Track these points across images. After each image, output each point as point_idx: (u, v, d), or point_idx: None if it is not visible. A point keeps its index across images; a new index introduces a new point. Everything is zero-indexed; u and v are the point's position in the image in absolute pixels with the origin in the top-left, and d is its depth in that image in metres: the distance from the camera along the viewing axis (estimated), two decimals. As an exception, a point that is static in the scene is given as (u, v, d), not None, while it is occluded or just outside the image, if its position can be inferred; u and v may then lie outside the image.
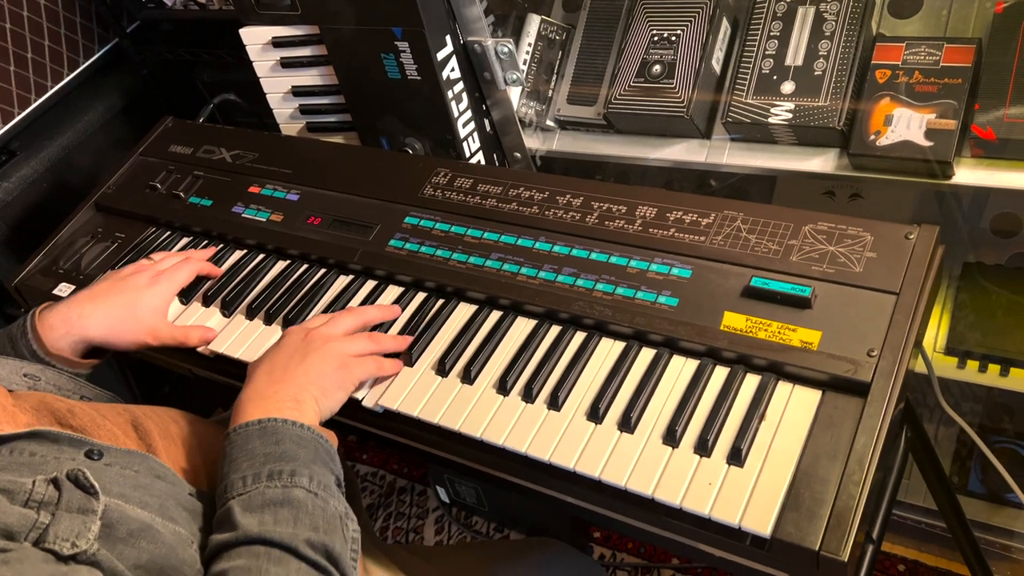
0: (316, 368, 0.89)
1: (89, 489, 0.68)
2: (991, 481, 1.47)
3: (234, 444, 0.80)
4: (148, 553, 0.69)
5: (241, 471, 0.77)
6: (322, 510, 0.76)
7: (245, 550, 0.71)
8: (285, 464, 0.77)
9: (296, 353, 0.91)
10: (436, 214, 1.11)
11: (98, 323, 1.01)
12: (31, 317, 0.99)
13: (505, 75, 1.29)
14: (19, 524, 0.63)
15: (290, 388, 0.87)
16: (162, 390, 1.95)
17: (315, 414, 0.87)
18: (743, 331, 0.88)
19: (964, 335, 1.27)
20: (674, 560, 1.74)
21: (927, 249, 0.87)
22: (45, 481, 0.67)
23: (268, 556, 0.71)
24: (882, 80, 1.12)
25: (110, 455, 0.76)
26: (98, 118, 1.74)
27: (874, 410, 0.78)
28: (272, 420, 0.81)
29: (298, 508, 0.75)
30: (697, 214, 0.99)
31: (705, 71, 1.22)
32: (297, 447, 0.80)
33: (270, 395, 0.85)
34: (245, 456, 0.78)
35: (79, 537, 0.65)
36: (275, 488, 0.75)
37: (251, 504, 0.74)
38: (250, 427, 0.81)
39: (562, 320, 0.97)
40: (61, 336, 0.99)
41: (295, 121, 1.44)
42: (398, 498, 2.03)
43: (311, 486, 0.77)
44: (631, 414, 0.85)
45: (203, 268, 1.15)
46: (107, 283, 1.06)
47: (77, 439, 0.76)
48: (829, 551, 0.71)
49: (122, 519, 0.69)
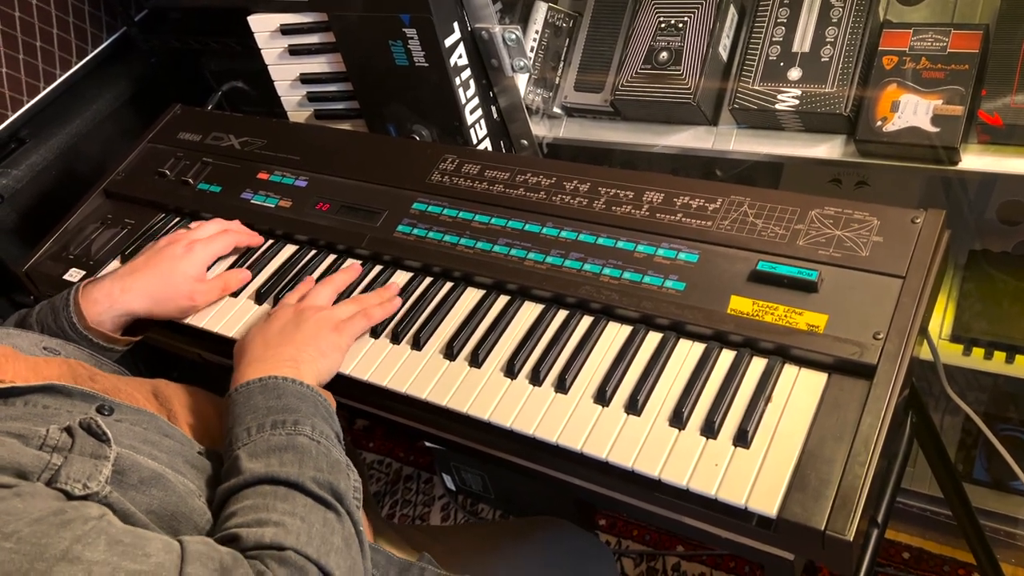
0: (312, 331, 0.93)
1: (101, 436, 0.70)
2: (996, 469, 1.47)
3: (236, 402, 0.82)
4: (159, 500, 0.71)
5: (245, 423, 0.79)
6: (325, 455, 0.78)
7: (251, 491, 0.73)
8: (288, 415, 0.80)
9: (289, 322, 0.94)
10: (444, 200, 1.11)
11: (139, 295, 1.03)
12: (75, 290, 1.01)
13: (512, 62, 1.29)
14: (32, 464, 0.65)
15: (288, 350, 0.90)
16: (171, 375, 1.95)
17: (313, 375, 0.89)
18: (750, 315, 0.88)
19: (970, 322, 1.27)
20: (679, 547, 1.74)
21: (933, 233, 0.87)
22: (59, 429, 0.70)
23: (274, 494, 0.73)
24: (889, 66, 1.12)
25: (120, 411, 0.79)
26: (106, 106, 1.75)
27: (880, 392, 0.79)
28: (272, 377, 0.84)
29: (302, 452, 0.77)
30: (704, 199, 0.99)
31: (712, 58, 1.22)
32: (299, 401, 0.82)
33: (268, 358, 0.88)
34: (248, 410, 0.80)
35: (90, 479, 0.67)
36: (279, 435, 0.78)
37: (256, 451, 0.76)
38: (251, 384, 0.83)
39: (569, 304, 0.98)
40: (104, 310, 1.01)
41: (303, 108, 1.45)
42: (404, 486, 2.04)
43: (313, 435, 0.79)
44: (638, 397, 0.86)
45: (241, 239, 1.15)
46: (144, 256, 1.07)
47: (89, 394, 0.78)
48: (834, 530, 0.72)
49: (133, 466, 0.71)
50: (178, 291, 1.05)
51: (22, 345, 0.92)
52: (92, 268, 1.22)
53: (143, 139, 1.40)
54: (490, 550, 1.11)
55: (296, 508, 0.72)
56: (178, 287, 1.05)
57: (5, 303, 1.71)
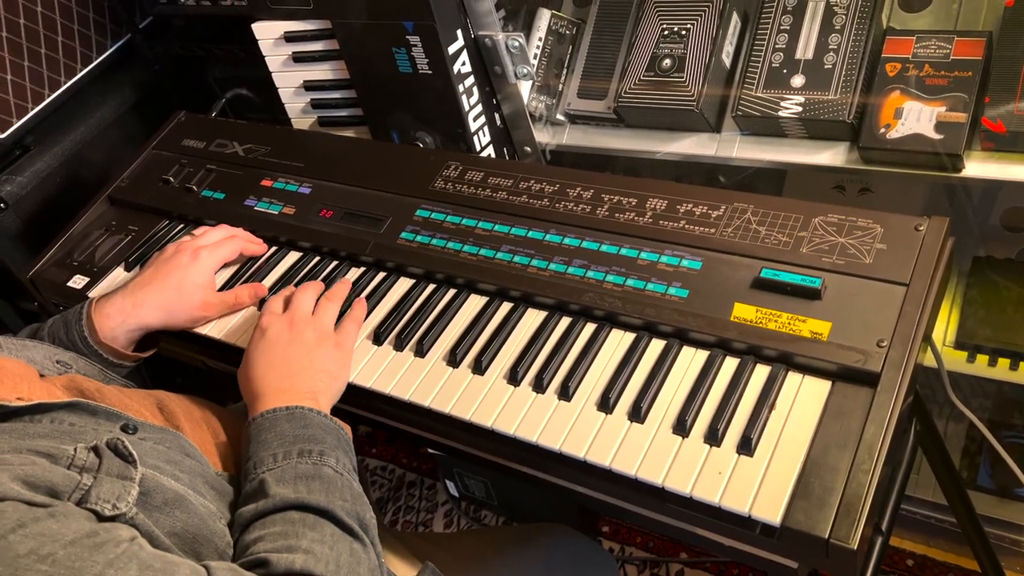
0: (318, 356, 0.92)
1: (128, 457, 0.71)
2: (1000, 476, 1.47)
3: (262, 427, 0.82)
4: (182, 522, 0.71)
5: (271, 449, 0.79)
6: (349, 488, 0.79)
7: (280, 516, 0.73)
8: (314, 445, 0.80)
9: (291, 345, 0.92)
10: (447, 207, 1.11)
11: (152, 308, 1.03)
12: (88, 305, 1.01)
13: (516, 69, 1.29)
14: (63, 484, 0.66)
15: (303, 381, 0.89)
16: (175, 381, 1.96)
17: (330, 402, 0.90)
18: (753, 322, 0.88)
19: (974, 329, 1.27)
20: (683, 554, 1.74)
21: (937, 240, 0.87)
22: (86, 448, 0.70)
23: (303, 521, 0.73)
24: (892, 73, 1.12)
25: (144, 430, 0.79)
26: (111, 113, 1.75)
27: (884, 400, 0.78)
28: (299, 408, 0.84)
29: (329, 483, 0.77)
30: (707, 206, 0.99)
31: (715, 65, 1.22)
32: (324, 433, 0.82)
33: (286, 389, 0.87)
34: (275, 436, 0.80)
35: (119, 500, 0.67)
36: (306, 464, 0.78)
37: (284, 477, 0.76)
38: (278, 412, 0.83)
39: (572, 312, 0.98)
40: (118, 325, 1.01)
41: (307, 116, 1.45)
42: (407, 492, 2.04)
43: (338, 467, 0.79)
44: (641, 404, 0.86)
45: (247, 246, 1.15)
46: (152, 268, 1.07)
47: (113, 412, 0.79)
48: (839, 539, 0.72)
49: (157, 488, 0.71)
50: (189, 301, 1.05)
51: (36, 358, 0.92)
52: (96, 275, 1.23)
53: (147, 146, 1.40)
54: (493, 557, 1.11)
55: (325, 537, 0.72)
56: (189, 297, 1.05)
57: (10, 309, 1.71)
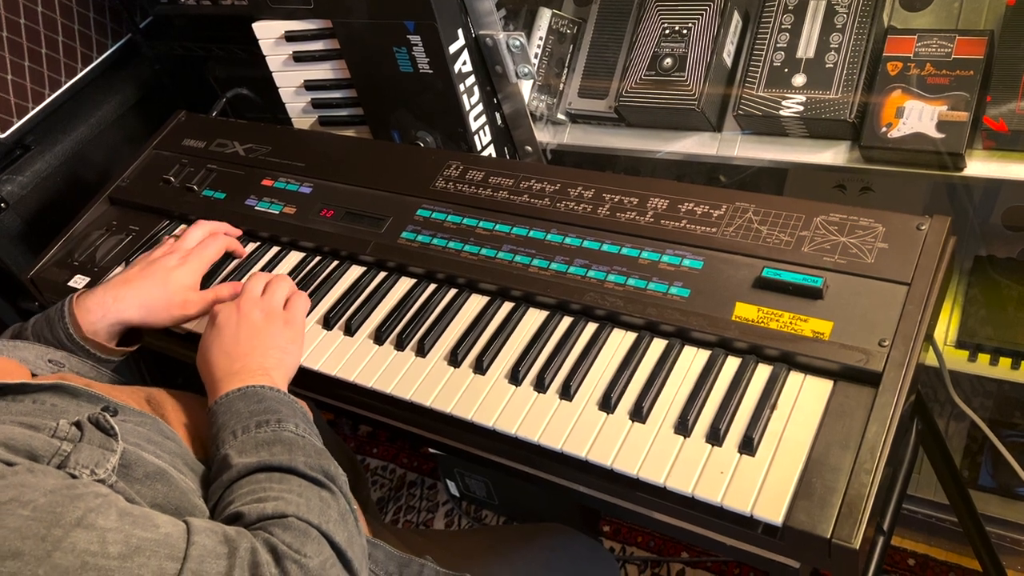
0: (267, 333, 0.94)
1: (109, 431, 0.73)
2: (1002, 475, 1.47)
3: (218, 412, 0.84)
4: (163, 495, 0.73)
5: (230, 427, 0.81)
6: (312, 446, 0.81)
7: (246, 480, 0.76)
8: (271, 415, 0.82)
9: (240, 327, 0.94)
10: (448, 206, 1.11)
11: (133, 305, 1.03)
12: (68, 301, 1.01)
13: (516, 68, 1.29)
14: (44, 448, 0.68)
15: (254, 360, 0.91)
16: (175, 381, 1.95)
17: (284, 378, 0.92)
18: (755, 321, 0.88)
19: (975, 328, 1.27)
20: (684, 554, 1.74)
21: (939, 239, 0.87)
22: (68, 423, 0.73)
23: (269, 478, 0.76)
24: (894, 72, 1.12)
25: (125, 413, 0.81)
26: (111, 113, 1.75)
27: (886, 399, 0.78)
28: (252, 387, 0.86)
29: (290, 444, 0.79)
30: (709, 206, 0.99)
31: (716, 64, 1.22)
32: (278, 404, 0.84)
33: (237, 370, 0.89)
34: (232, 416, 0.82)
35: (98, 466, 0.70)
36: (265, 432, 0.80)
37: (245, 447, 0.79)
38: (231, 395, 0.85)
39: (574, 311, 0.98)
40: (98, 319, 1.00)
41: (307, 115, 1.45)
42: (408, 492, 2.04)
43: (298, 431, 0.82)
44: (643, 404, 0.86)
45: (230, 244, 1.17)
46: (138, 267, 1.07)
47: (95, 395, 0.81)
48: (841, 539, 0.72)
49: (139, 461, 0.73)
50: (171, 300, 1.05)
51: (28, 357, 0.93)
52: (97, 275, 1.23)
53: (148, 146, 1.40)
54: (493, 556, 1.11)
55: (292, 487, 0.75)
56: (172, 296, 1.05)
57: (10, 309, 1.71)
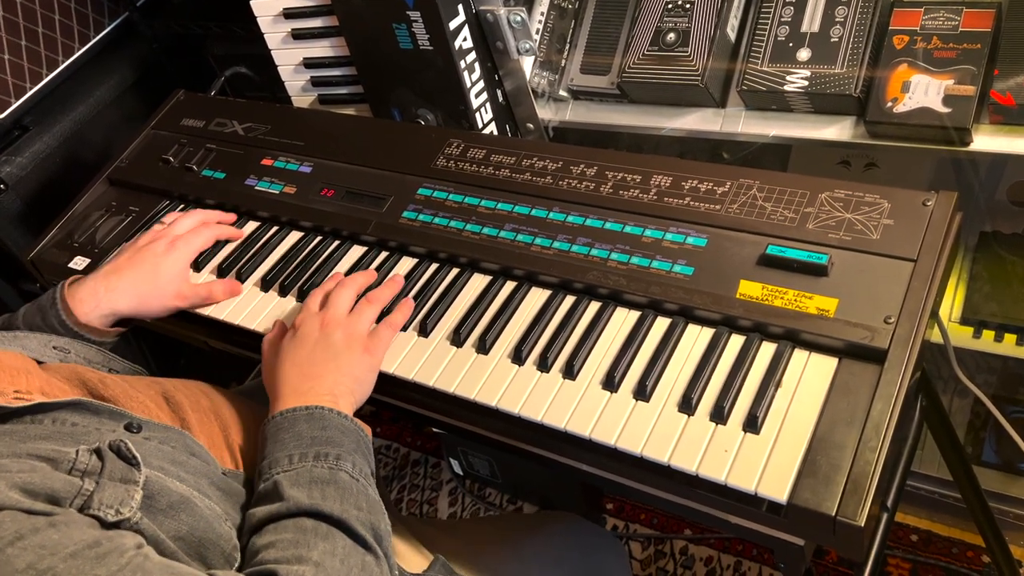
0: (345, 359, 0.90)
1: (131, 460, 0.69)
2: (1005, 451, 1.47)
3: (280, 426, 0.80)
4: (187, 526, 0.70)
5: (288, 450, 0.78)
6: (365, 495, 0.77)
7: (292, 523, 0.72)
8: (331, 448, 0.78)
9: (318, 346, 0.91)
10: (449, 185, 1.10)
11: (125, 295, 1.02)
12: (60, 290, 1.00)
13: (518, 45, 1.28)
14: (65, 490, 0.64)
15: (325, 382, 0.87)
16: (178, 363, 1.96)
17: (351, 405, 0.88)
18: (759, 299, 0.87)
19: (980, 305, 1.26)
20: (687, 531, 1.74)
21: (945, 216, 0.86)
22: (88, 451, 0.68)
23: (316, 531, 0.71)
24: (899, 46, 1.11)
25: (148, 429, 0.77)
26: (110, 92, 1.74)
27: (891, 377, 0.78)
28: (319, 408, 0.82)
29: (344, 489, 0.75)
30: (712, 182, 0.98)
31: (720, 39, 1.21)
32: (342, 435, 0.81)
33: (307, 389, 0.86)
34: (292, 437, 0.79)
35: (123, 505, 0.66)
36: (322, 468, 0.76)
37: (299, 480, 0.75)
38: (297, 412, 0.82)
39: (577, 290, 0.97)
40: (91, 309, 1.00)
41: (307, 93, 1.44)
42: (412, 470, 2.05)
43: (354, 472, 0.78)
44: (646, 382, 0.85)
45: (221, 232, 1.15)
46: (126, 255, 1.07)
47: (117, 412, 0.77)
48: (846, 516, 0.71)
49: (162, 491, 0.69)
50: (163, 290, 1.04)
51: (31, 346, 0.92)
52: (97, 256, 1.22)
53: (146, 126, 1.39)
54: (502, 544, 1.11)
55: (336, 549, 0.71)
56: (163, 286, 1.04)
57: (11, 291, 1.71)
